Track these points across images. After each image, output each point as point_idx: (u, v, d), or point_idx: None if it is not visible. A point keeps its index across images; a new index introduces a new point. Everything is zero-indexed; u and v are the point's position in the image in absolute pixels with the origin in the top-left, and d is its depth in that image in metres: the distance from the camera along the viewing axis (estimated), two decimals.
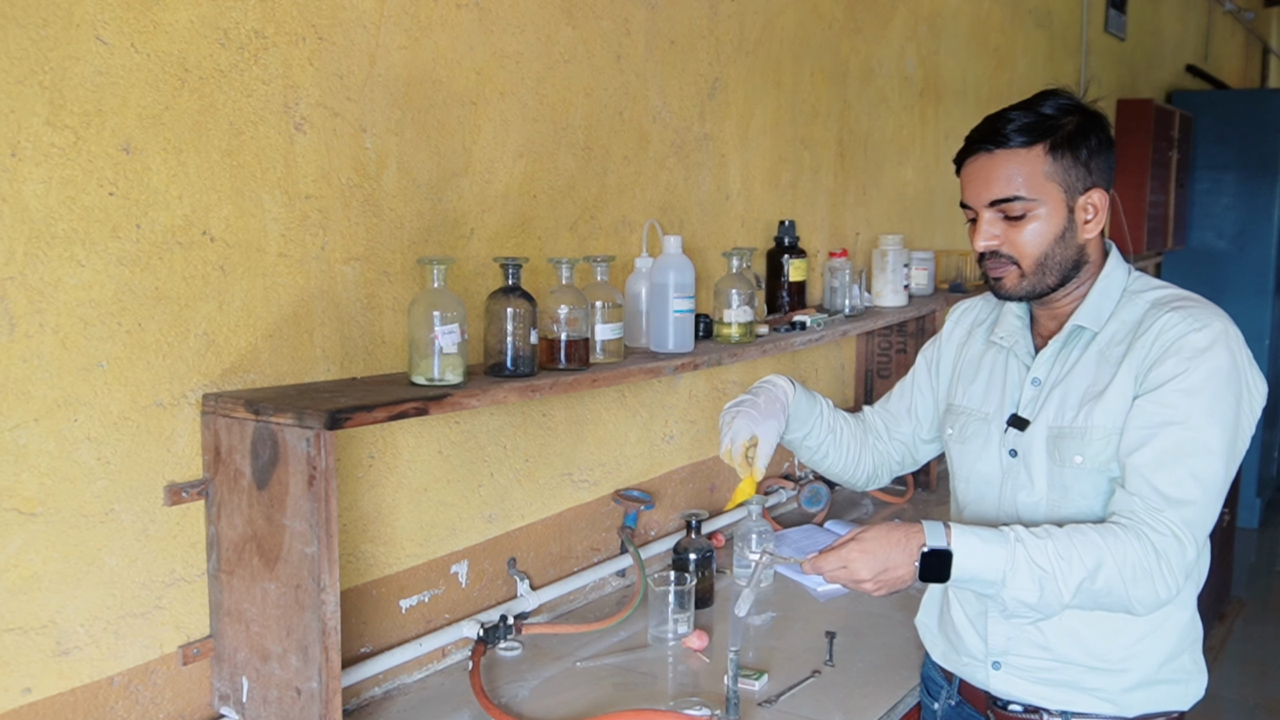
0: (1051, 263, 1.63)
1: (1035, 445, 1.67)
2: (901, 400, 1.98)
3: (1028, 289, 1.65)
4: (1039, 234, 1.61)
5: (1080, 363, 1.66)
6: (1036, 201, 1.60)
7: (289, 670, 1.50)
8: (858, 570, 1.53)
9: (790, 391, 1.82)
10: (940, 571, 1.51)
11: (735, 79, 2.63)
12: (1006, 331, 1.77)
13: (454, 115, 1.89)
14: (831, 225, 3.15)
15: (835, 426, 1.90)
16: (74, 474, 1.42)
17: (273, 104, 1.60)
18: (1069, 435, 1.63)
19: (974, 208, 1.64)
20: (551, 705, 1.82)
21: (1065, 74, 4.93)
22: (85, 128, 1.38)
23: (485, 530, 2.05)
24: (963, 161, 1.67)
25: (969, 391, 1.81)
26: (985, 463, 1.74)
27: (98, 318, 1.42)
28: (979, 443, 1.75)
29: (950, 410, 1.85)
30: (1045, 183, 1.60)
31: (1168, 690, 1.67)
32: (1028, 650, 1.68)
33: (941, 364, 1.91)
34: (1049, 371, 1.69)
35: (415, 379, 1.66)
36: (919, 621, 1.92)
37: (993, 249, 1.64)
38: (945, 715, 1.85)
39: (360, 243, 1.75)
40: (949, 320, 1.94)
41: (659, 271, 2.07)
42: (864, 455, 1.95)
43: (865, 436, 1.96)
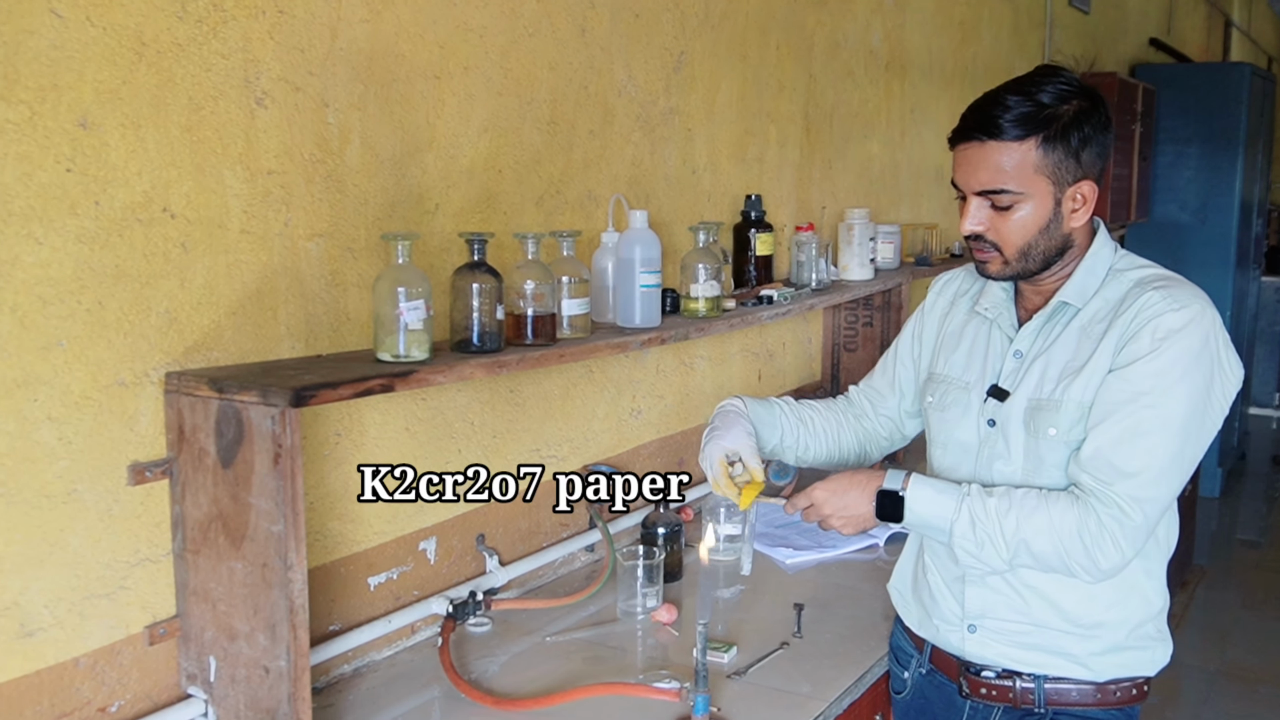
0: (1034, 251, 1.65)
1: (1013, 416, 1.69)
2: (884, 375, 2.00)
3: (1011, 273, 1.68)
4: (1023, 225, 1.63)
5: (1062, 337, 1.68)
6: (1024, 195, 1.61)
7: (257, 649, 1.50)
8: (822, 506, 1.69)
9: (741, 404, 1.87)
10: (895, 512, 1.64)
11: (701, 52, 2.62)
12: (991, 303, 1.79)
13: (417, 89, 1.87)
14: (798, 199, 3.16)
15: (804, 418, 1.94)
16: (35, 454, 1.40)
17: (233, 78, 1.58)
18: (1045, 408, 1.66)
19: (964, 190, 1.67)
20: (521, 680, 1.83)
21: (1030, 47, 4.95)
22: (40, 103, 1.36)
23: (453, 506, 2.05)
24: (956, 143, 1.68)
25: (950, 360, 1.83)
26: (963, 431, 1.76)
27: (57, 296, 1.40)
28: (958, 411, 1.78)
29: (931, 379, 1.87)
30: (1034, 176, 1.61)
31: (1135, 656, 1.70)
32: (1004, 614, 1.71)
33: (924, 335, 1.93)
34: (1031, 345, 1.72)
35: (381, 356, 1.65)
36: (891, 587, 1.95)
37: (978, 234, 1.66)
38: (916, 683, 1.87)
39: (324, 219, 1.74)
40: (932, 291, 1.96)
41: (625, 246, 2.07)
42: (844, 435, 1.97)
43: (843, 417, 1.99)
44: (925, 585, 1.82)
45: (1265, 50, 10.23)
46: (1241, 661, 4.41)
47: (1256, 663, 4.41)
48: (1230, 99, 6.50)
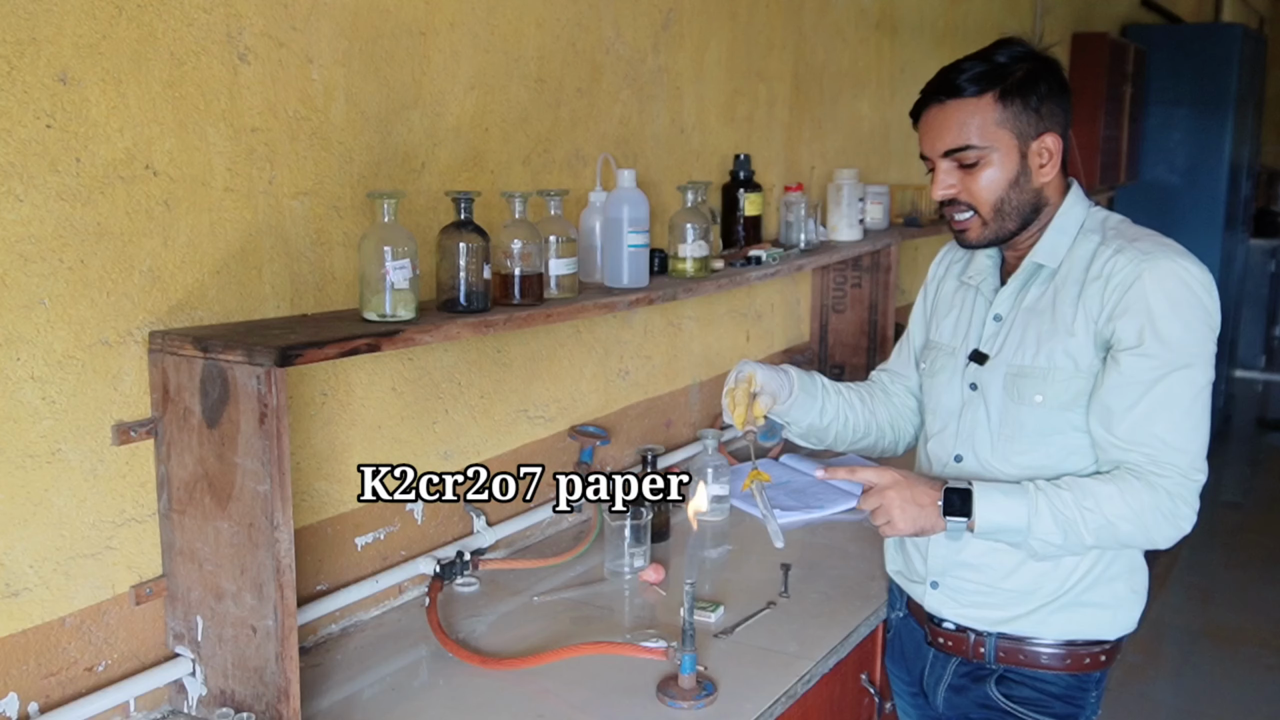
0: (1009, 207, 1.67)
1: (993, 381, 1.72)
2: (901, 353, 2.02)
3: (991, 235, 1.70)
4: (994, 180, 1.66)
5: (1040, 301, 1.70)
6: (989, 149, 1.64)
7: (244, 608, 1.50)
8: (887, 491, 1.64)
9: (791, 368, 1.86)
10: (963, 508, 1.61)
11: (690, 10, 2.60)
12: (976, 270, 1.83)
13: (403, 46, 1.85)
14: (787, 159, 3.14)
15: (844, 394, 1.93)
16: (18, 414, 1.39)
17: (215, 33, 1.56)
18: (1029, 374, 1.68)
19: (930, 158, 1.69)
20: (509, 640, 1.84)
21: (1020, 5, 4.92)
22: (19, 57, 1.34)
23: (441, 467, 2.04)
24: (919, 114, 1.70)
25: (941, 327, 1.87)
26: (949, 395, 1.80)
27: (38, 254, 1.39)
28: (945, 376, 1.81)
29: (926, 346, 1.91)
30: (997, 130, 1.64)
31: (1094, 615, 1.72)
32: (961, 573, 1.76)
33: (928, 304, 1.96)
34: (1010, 308, 1.74)
35: (367, 315, 1.64)
36: (885, 543, 2.00)
37: (950, 197, 1.69)
38: (895, 625, 1.97)
39: (309, 177, 1.72)
40: (935, 262, 1.99)
41: (613, 206, 2.06)
42: (879, 414, 1.97)
43: (874, 397, 1.98)
44: (900, 541, 1.89)
45: (1257, 10, 10.19)
46: (1223, 622, 4.46)
47: (1238, 623, 4.46)
48: (1221, 60, 6.48)
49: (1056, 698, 1.74)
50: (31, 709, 1.44)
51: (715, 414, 2.90)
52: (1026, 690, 1.75)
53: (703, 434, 2.43)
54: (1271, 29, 10.16)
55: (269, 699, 1.50)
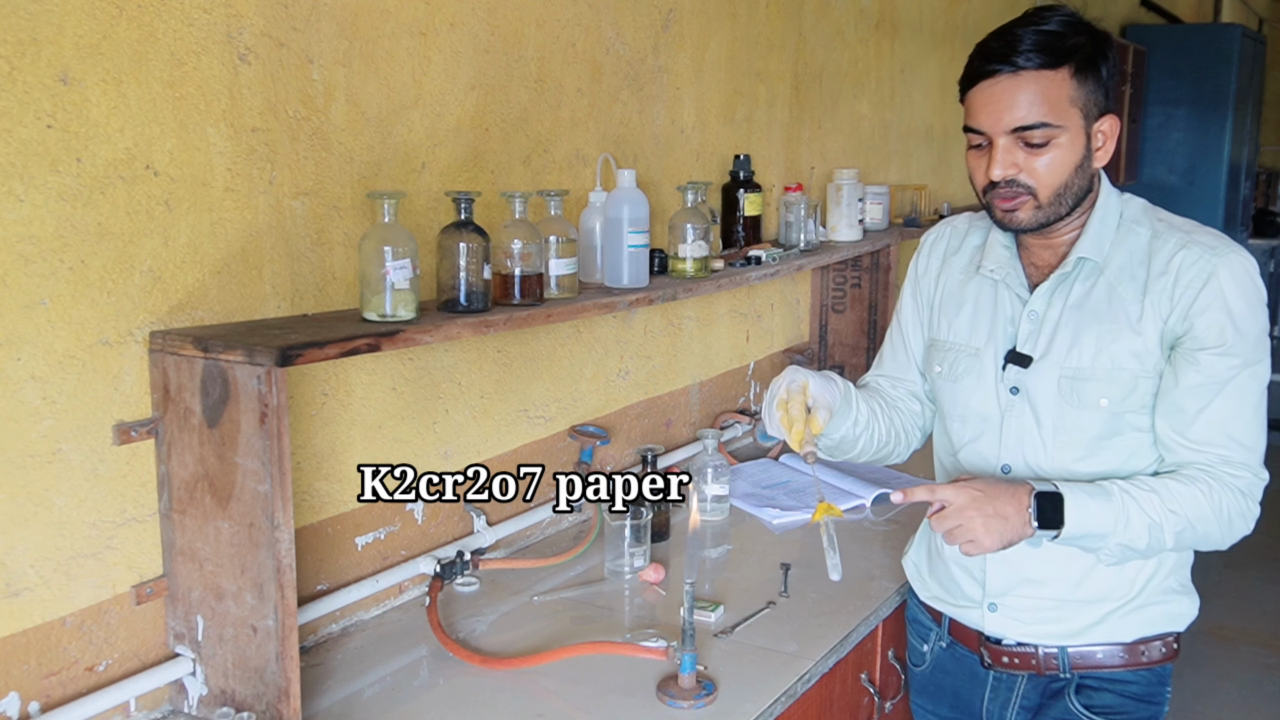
0: (1069, 193, 1.55)
1: (1043, 384, 1.62)
2: (897, 355, 1.89)
3: (1042, 219, 1.57)
4: (1060, 163, 1.53)
5: (1090, 298, 1.60)
6: (1060, 129, 1.51)
7: (244, 608, 1.50)
8: (965, 511, 1.51)
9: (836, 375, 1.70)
10: (1054, 518, 1.51)
11: (690, 10, 2.60)
12: (996, 263, 1.69)
13: (403, 46, 1.85)
14: (786, 159, 3.14)
15: (863, 398, 1.79)
16: (19, 414, 1.39)
17: (215, 33, 1.56)
18: (1089, 377, 1.59)
19: (988, 134, 1.54)
20: (509, 639, 1.84)
21: (1020, 6, 4.91)
22: (20, 57, 1.34)
23: (441, 467, 2.04)
24: (974, 83, 1.54)
25: (954, 325, 1.74)
26: (981, 400, 1.69)
27: (39, 254, 1.39)
28: (972, 380, 1.70)
29: (935, 346, 1.78)
30: (1069, 108, 1.51)
31: (1160, 611, 1.68)
32: (1025, 591, 1.68)
33: (922, 300, 1.83)
34: (1048, 305, 1.64)
35: (367, 315, 1.64)
36: (907, 562, 1.92)
37: (1011, 178, 1.54)
38: (937, 657, 1.85)
39: (309, 177, 1.72)
40: (921, 255, 1.86)
41: (613, 206, 2.06)
42: (894, 422, 1.84)
43: (886, 406, 1.85)
44: (941, 565, 1.79)
45: (1256, 11, 10.19)
46: (1223, 621, 4.45)
47: (1238, 622, 4.46)
48: (1221, 60, 6.49)
49: (1138, 699, 1.69)
50: (32, 708, 1.44)
51: (715, 414, 2.90)
52: (1108, 696, 1.68)
53: (702, 434, 2.43)
54: (1271, 29, 10.17)
55: (269, 699, 1.50)
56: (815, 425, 1.60)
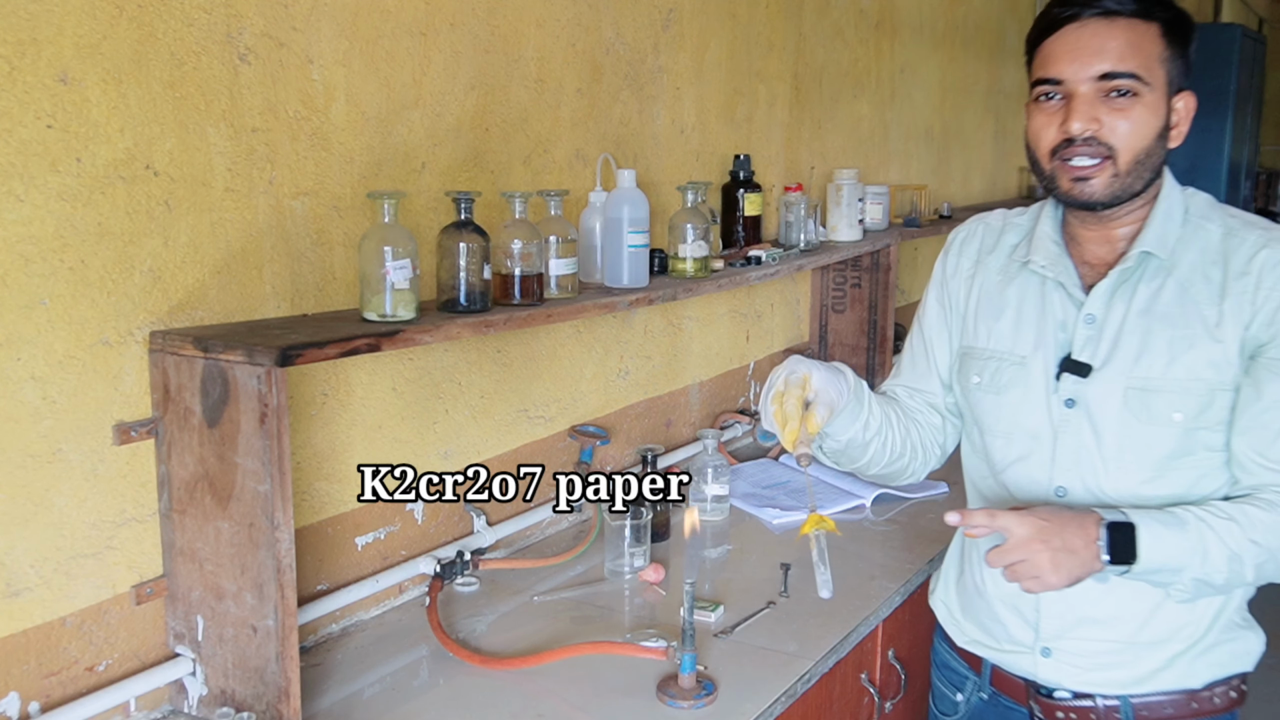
0: (1147, 164, 1.41)
1: (1106, 397, 1.46)
2: (915, 364, 1.71)
3: (1117, 191, 1.40)
4: (1145, 124, 1.38)
5: (1159, 300, 1.44)
6: (1149, 86, 1.37)
7: (244, 608, 1.50)
8: (1030, 543, 1.33)
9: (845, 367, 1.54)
10: (1127, 551, 1.34)
11: (690, 10, 2.60)
12: (1046, 258, 1.52)
13: (403, 46, 1.85)
14: (786, 159, 3.14)
15: (879, 401, 1.62)
16: (19, 414, 1.39)
17: (215, 33, 1.56)
18: (1161, 389, 1.43)
19: (1069, 82, 1.39)
20: (509, 639, 1.84)
21: (1021, 7, 4.92)
22: (20, 57, 1.34)
23: (440, 467, 2.04)
24: (1055, 28, 1.40)
25: (994, 330, 1.57)
26: (1030, 415, 1.52)
27: (39, 254, 1.39)
28: (1019, 391, 1.53)
29: (971, 355, 1.60)
30: (1157, 67, 1.38)
31: (1227, 651, 1.53)
32: (1084, 633, 1.52)
33: (951, 304, 1.66)
34: (1108, 307, 1.47)
35: (367, 315, 1.64)
36: (936, 602, 1.77)
37: (1092, 132, 1.38)
38: (975, 709, 1.68)
39: (309, 177, 1.72)
40: (950, 254, 1.69)
41: (613, 206, 2.06)
42: (910, 433, 1.67)
43: (904, 417, 1.68)
44: (982, 604, 1.62)
45: (1256, 11, 10.19)
46: None
47: None
48: (1220, 60, 6.49)
49: None
50: (32, 708, 1.44)
51: (715, 414, 2.90)
52: None
53: (702, 434, 2.43)
54: (1271, 29, 10.17)
55: (269, 699, 1.50)
56: (812, 424, 1.44)
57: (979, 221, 1.67)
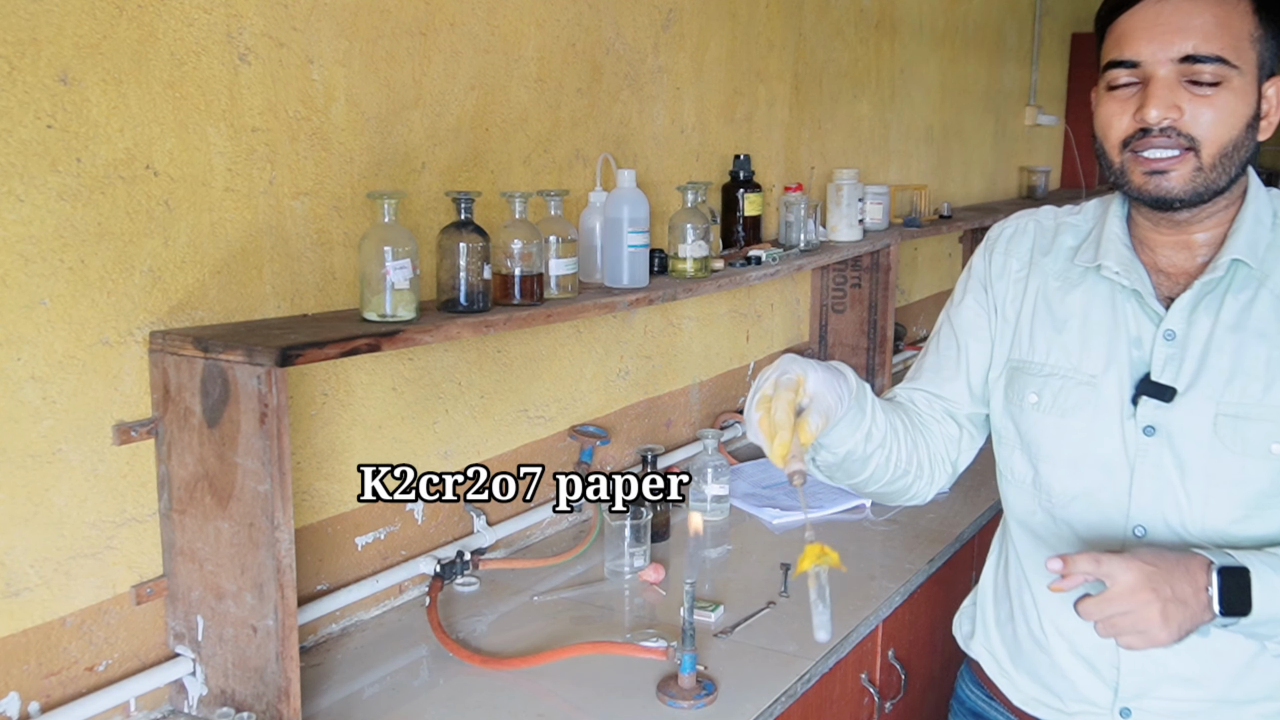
0: (1235, 158, 1.24)
1: (1192, 425, 1.29)
2: (943, 365, 1.51)
3: (1200, 188, 1.24)
4: (1233, 113, 1.22)
5: (1252, 315, 1.28)
6: (1237, 71, 1.21)
7: (244, 608, 1.50)
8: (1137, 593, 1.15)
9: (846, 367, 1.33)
10: (1240, 601, 1.17)
11: (690, 10, 2.60)
12: (1120, 263, 1.34)
13: (403, 46, 1.85)
14: (787, 159, 3.14)
15: (886, 408, 1.42)
16: (19, 413, 1.39)
17: (215, 33, 1.56)
18: (1258, 417, 1.26)
19: (1146, 64, 1.23)
20: (509, 639, 1.84)
21: (1021, 6, 4.92)
22: (19, 57, 1.34)
23: (440, 467, 2.04)
24: (1130, 2, 1.25)
25: (1055, 344, 1.38)
26: (1102, 443, 1.34)
27: (38, 254, 1.39)
28: (1087, 415, 1.35)
29: (1025, 370, 1.41)
30: (1247, 49, 1.21)
31: None
32: (1170, 691, 1.34)
33: (997, 308, 1.47)
34: (1189, 323, 1.30)
35: (367, 315, 1.64)
36: (978, 650, 1.56)
37: (1171, 121, 1.22)
38: None
39: (309, 177, 1.72)
40: (996, 251, 1.49)
41: (613, 206, 2.06)
42: (920, 448, 1.46)
43: (915, 428, 1.48)
44: (1043, 657, 1.43)
45: None
46: None
47: None
48: None
49: None
50: (32, 708, 1.44)
51: (716, 414, 2.90)
52: None
53: (702, 434, 2.43)
54: None
55: (269, 699, 1.50)
56: (805, 433, 1.22)
57: (1028, 217, 1.49)
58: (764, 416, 1.22)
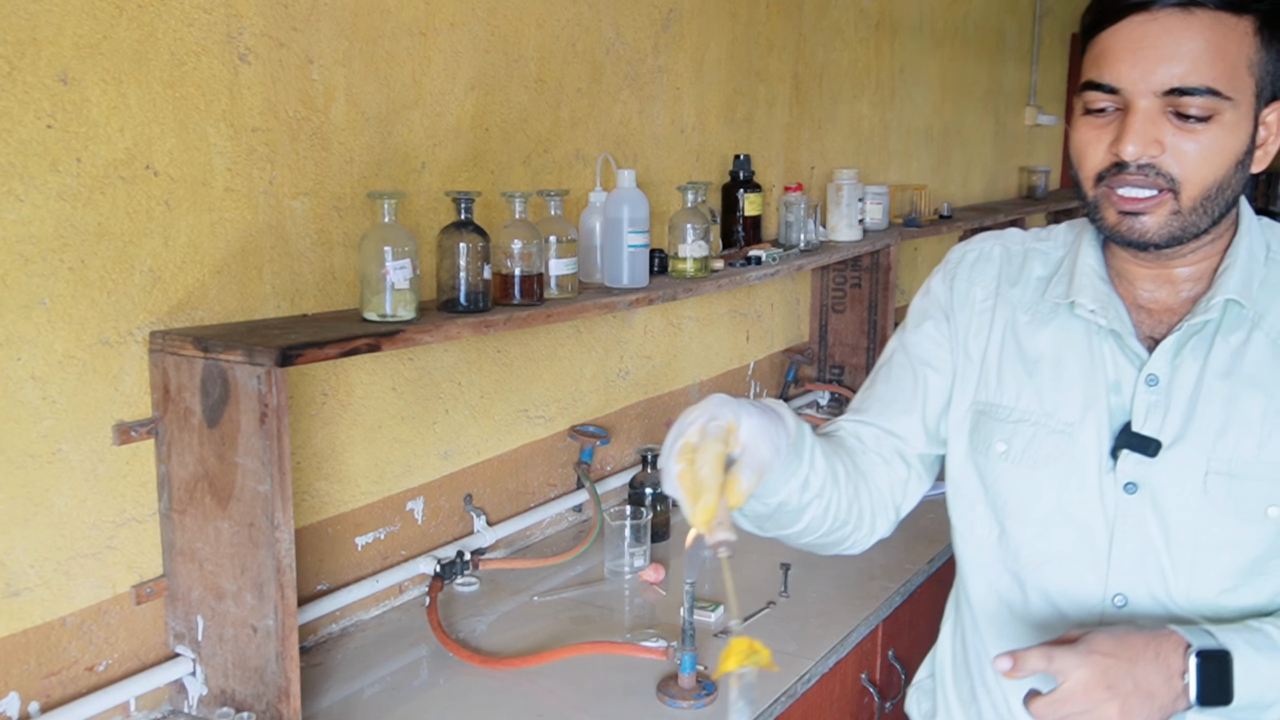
0: (1219, 199, 1.11)
1: (1179, 482, 1.15)
2: (898, 397, 1.34)
3: (1175, 231, 1.12)
4: (1219, 151, 1.08)
5: (1244, 360, 1.15)
6: (1230, 103, 1.07)
7: (244, 608, 1.50)
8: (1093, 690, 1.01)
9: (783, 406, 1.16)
10: (1220, 690, 1.03)
11: (690, 10, 2.60)
12: (1096, 300, 1.20)
13: (403, 46, 1.85)
14: (786, 159, 3.14)
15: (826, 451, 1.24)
16: (19, 414, 1.39)
17: (215, 33, 1.56)
18: (1254, 475, 1.13)
19: (1126, 92, 1.09)
20: (509, 639, 1.84)
21: (1021, 7, 4.92)
22: (20, 57, 1.34)
23: (441, 467, 2.04)
24: (1116, 17, 1.10)
25: (1027, 387, 1.24)
26: (1077, 500, 1.20)
27: (38, 254, 1.39)
28: (1061, 468, 1.21)
29: (991, 415, 1.26)
30: (1244, 77, 1.08)
31: None
32: None
33: (963, 341, 1.31)
34: (1174, 368, 1.17)
35: (367, 315, 1.64)
36: None
37: (1150, 159, 1.09)
38: None
39: (309, 177, 1.72)
40: (958, 277, 1.33)
41: (613, 206, 2.06)
42: (860, 495, 1.29)
43: (856, 474, 1.30)
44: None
45: None
46: None
47: None
48: None
49: None
50: (32, 708, 1.44)
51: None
52: None
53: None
54: None
55: (269, 698, 1.50)
56: (735, 494, 1.04)
57: (994, 241, 1.33)
58: (686, 470, 1.04)
